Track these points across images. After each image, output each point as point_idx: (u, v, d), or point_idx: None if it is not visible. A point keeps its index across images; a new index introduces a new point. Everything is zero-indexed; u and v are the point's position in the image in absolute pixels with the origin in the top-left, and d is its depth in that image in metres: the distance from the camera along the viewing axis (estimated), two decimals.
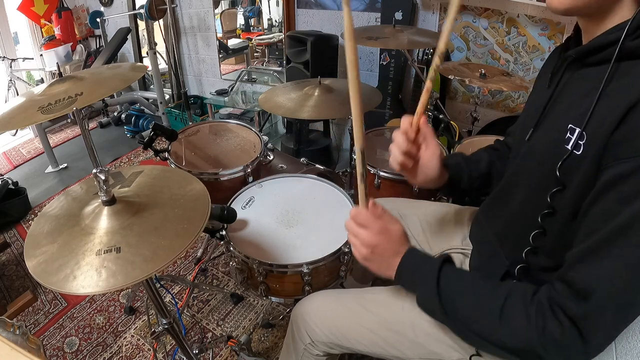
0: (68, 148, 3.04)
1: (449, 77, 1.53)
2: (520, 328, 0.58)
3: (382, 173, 1.39)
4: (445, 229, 1.00)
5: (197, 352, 1.18)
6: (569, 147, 0.58)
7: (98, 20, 3.25)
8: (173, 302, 1.60)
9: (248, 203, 1.18)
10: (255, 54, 2.88)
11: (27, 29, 3.52)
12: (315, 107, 1.36)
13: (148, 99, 3.27)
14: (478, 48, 2.00)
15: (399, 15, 2.04)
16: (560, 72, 0.66)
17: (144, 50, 3.36)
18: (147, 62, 3.03)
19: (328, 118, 2.43)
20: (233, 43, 2.94)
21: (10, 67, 3.18)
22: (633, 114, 0.50)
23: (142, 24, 3.27)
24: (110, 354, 1.43)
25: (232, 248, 1.01)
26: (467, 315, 0.64)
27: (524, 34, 1.85)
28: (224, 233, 1.01)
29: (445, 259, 0.69)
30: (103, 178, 0.67)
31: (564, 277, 0.56)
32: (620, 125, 0.51)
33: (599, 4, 0.57)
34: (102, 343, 1.48)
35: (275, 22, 2.63)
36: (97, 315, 1.60)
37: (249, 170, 1.38)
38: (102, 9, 3.42)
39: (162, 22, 2.82)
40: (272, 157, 1.54)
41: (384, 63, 2.20)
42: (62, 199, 0.79)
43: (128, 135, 3.15)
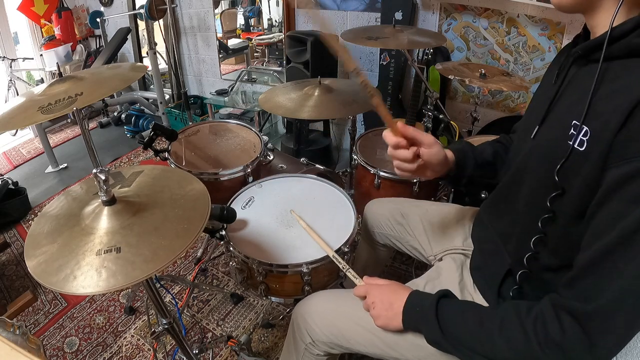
0: (68, 148, 3.04)
1: (449, 77, 1.53)
2: (520, 344, 0.58)
3: (382, 173, 1.39)
4: (447, 230, 1.00)
5: (197, 352, 1.18)
6: (572, 143, 0.57)
7: (98, 20, 3.25)
8: (173, 302, 1.60)
9: (248, 203, 1.18)
10: (255, 54, 2.88)
11: (27, 29, 3.52)
12: (315, 107, 1.36)
13: (148, 99, 3.27)
14: (478, 48, 2.00)
15: (399, 15, 2.04)
16: (566, 68, 0.66)
17: (144, 50, 3.36)
18: (147, 62, 3.03)
19: (328, 118, 2.43)
20: (233, 43, 2.94)
21: (10, 67, 3.18)
22: (638, 112, 0.50)
23: (142, 24, 3.27)
24: (110, 354, 1.44)
25: (232, 248, 1.01)
26: (470, 343, 0.65)
27: (524, 34, 1.85)
28: (224, 233, 1.01)
29: (444, 294, 0.72)
30: (103, 178, 0.67)
31: (573, 280, 0.55)
32: (626, 124, 0.50)
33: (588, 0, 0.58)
34: (102, 343, 1.48)
35: (275, 22, 2.63)
36: (97, 315, 1.60)
37: (249, 170, 1.38)
38: (102, 9, 3.42)
39: (162, 22, 2.82)
40: (272, 157, 1.53)
41: (384, 63, 2.20)
42: (62, 199, 0.79)
43: (128, 135, 3.15)
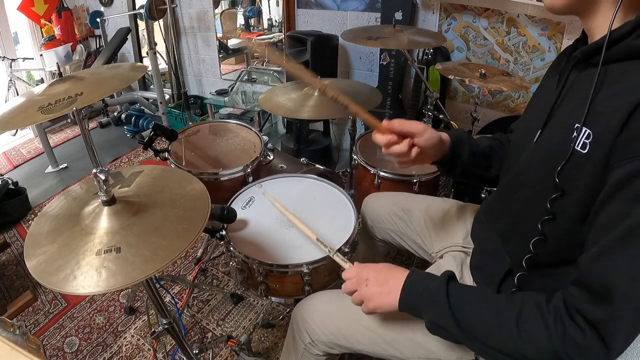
0: (68, 148, 3.04)
1: (449, 77, 1.53)
2: (541, 339, 0.56)
3: (382, 173, 1.39)
4: (448, 226, 1.00)
5: (197, 352, 1.18)
6: (573, 145, 0.57)
7: (98, 20, 3.25)
8: (173, 302, 1.60)
9: (248, 203, 1.17)
10: (256, 54, 2.88)
11: (27, 29, 3.52)
12: (315, 107, 1.36)
13: (148, 99, 3.27)
14: (478, 48, 2.00)
15: (399, 15, 2.04)
16: (567, 72, 0.66)
17: (144, 50, 3.36)
18: (147, 62, 3.03)
19: (328, 118, 2.43)
20: (233, 43, 2.94)
21: (10, 67, 3.18)
22: (639, 113, 0.50)
23: (142, 24, 3.27)
24: (110, 354, 1.44)
25: (232, 248, 1.01)
26: (483, 331, 0.61)
27: (524, 34, 1.85)
28: (224, 233, 1.01)
29: (451, 275, 0.68)
30: (103, 178, 0.67)
31: (580, 281, 0.55)
32: (627, 124, 0.51)
33: (583, 2, 0.58)
34: (102, 343, 1.48)
35: (275, 22, 2.63)
36: (97, 315, 1.60)
37: (249, 170, 1.38)
38: (102, 9, 3.42)
39: (162, 22, 2.82)
40: (272, 157, 1.53)
41: (384, 63, 2.20)
42: (62, 199, 0.79)
43: (128, 135, 3.15)
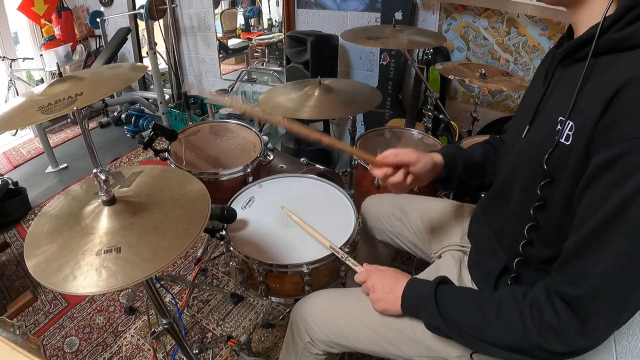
0: (68, 148, 3.04)
1: (449, 77, 1.53)
2: (517, 326, 0.59)
3: None
4: (445, 226, 1.01)
5: (197, 352, 1.18)
6: (558, 138, 0.58)
7: (98, 20, 3.25)
8: (173, 302, 1.60)
9: (248, 203, 1.17)
10: (255, 54, 2.88)
11: (27, 29, 3.52)
12: (315, 107, 1.36)
13: (148, 99, 3.27)
14: (478, 48, 2.00)
15: (399, 15, 2.04)
16: (552, 69, 0.68)
17: (144, 50, 3.36)
18: (147, 62, 3.03)
19: (328, 118, 2.43)
20: (233, 43, 2.94)
21: (10, 67, 3.18)
22: (617, 101, 0.51)
23: (142, 24, 3.27)
24: (110, 354, 1.44)
25: (232, 248, 1.01)
26: (469, 326, 0.66)
27: (524, 34, 1.85)
28: (224, 233, 1.01)
29: (441, 280, 0.74)
30: (103, 178, 0.67)
31: (561, 265, 0.57)
32: (606, 112, 0.51)
33: None
34: (102, 343, 1.48)
35: (275, 22, 2.63)
36: (97, 315, 1.60)
37: (249, 170, 1.38)
38: (102, 9, 3.43)
39: (162, 22, 2.82)
40: (272, 157, 1.53)
41: (384, 63, 2.20)
42: (62, 199, 0.79)
43: (128, 135, 3.15)
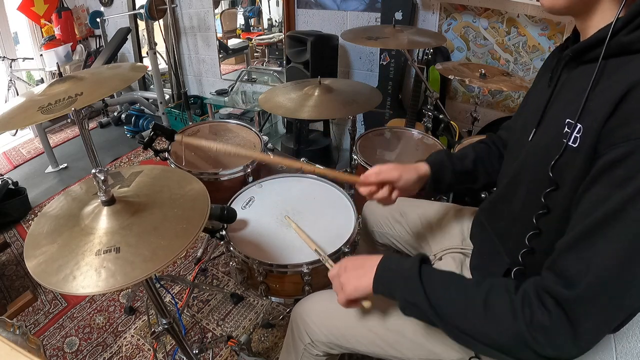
0: (68, 148, 3.04)
1: (449, 77, 1.53)
2: (506, 321, 0.56)
3: None
4: (445, 229, 1.00)
5: (197, 352, 1.18)
6: (566, 141, 0.57)
7: (98, 20, 3.25)
8: (173, 302, 1.60)
9: (248, 203, 1.18)
10: (255, 54, 2.88)
11: (27, 29, 3.52)
12: (315, 107, 1.36)
13: (148, 99, 3.27)
14: (478, 48, 2.00)
15: (399, 15, 2.04)
16: (559, 71, 0.67)
17: (144, 50, 3.36)
18: (147, 62, 3.03)
19: (328, 118, 2.43)
20: (233, 43, 2.94)
21: (10, 67, 3.18)
22: (625, 101, 0.50)
23: (142, 24, 3.27)
24: (110, 354, 1.44)
25: (232, 248, 1.01)
26: (452, 311, 0.61)
27: (524, 34, 1.85)
28: (224, 233, 1.01)
29: (423, 257, 0.69)
30: (102, 178, 0.67)
31: (553, 265, 0.55)
32: (614, 113, 0.51)
33: (584, 2, 0.58)
34: (102, 343, 1.48)
35: (275, 22, 2.63)
36: (97, 315, 1.60)
37: (249, 170, 1.38)
38: (102, 9, 3.43)
39: (162, 22, 2.82)
40: (272, 157, 1.53)
41: (384, 63, 2.20)
42: (62, 199, 0.79)
43: (128, 135, 3.15)
